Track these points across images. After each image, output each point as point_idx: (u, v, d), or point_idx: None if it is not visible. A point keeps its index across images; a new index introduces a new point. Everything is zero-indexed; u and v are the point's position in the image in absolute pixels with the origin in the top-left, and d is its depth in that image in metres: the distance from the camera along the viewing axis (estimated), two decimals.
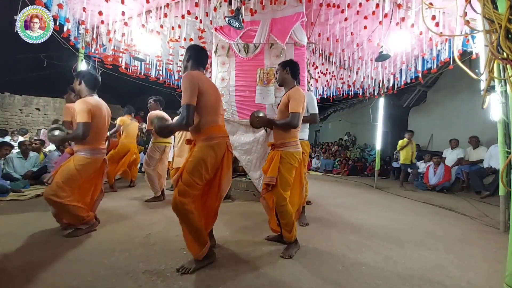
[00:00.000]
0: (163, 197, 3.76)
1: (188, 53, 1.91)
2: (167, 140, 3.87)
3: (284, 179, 2.00)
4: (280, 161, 2.02)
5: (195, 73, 1.80)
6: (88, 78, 2.38)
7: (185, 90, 1.70)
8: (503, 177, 2.49)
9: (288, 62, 2.24)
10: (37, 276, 1.55)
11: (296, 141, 2.10)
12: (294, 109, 2.00)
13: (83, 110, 2.21)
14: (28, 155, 4.63)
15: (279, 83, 2.25)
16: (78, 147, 2.30)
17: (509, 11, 1.20)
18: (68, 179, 2.19)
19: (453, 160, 5.94)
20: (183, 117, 1.67)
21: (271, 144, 2.19)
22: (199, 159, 1.74)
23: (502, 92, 2.66)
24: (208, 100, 1.80)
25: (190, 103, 1.70)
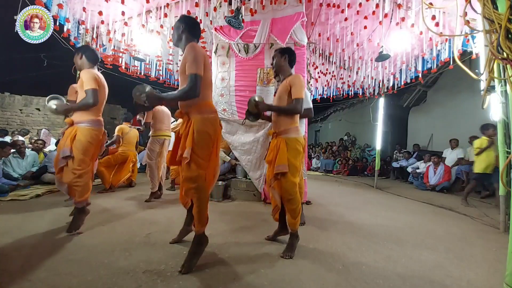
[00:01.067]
0: (161, 192, 3.78)
1: (181, 23, 1.88)
2: (166, 133, 3.89)
3: (293, 165, 1.99)
4: (286, 148, 2.01)
5: (198, 45, 1.81)
6: (89, 53, 2.44)
7: (194, 60, 1.70)
8: (503, 177, 2.49)
9: (287, 49, 2.23)
10: (37, 276, 1.55)
11: (297, 127, 2.10)
12: (298, 95, 2.01)
13: (91, 78, 2.25)
14: (24, 154, 4.62)
15: (275, 69, 2.22)
16: (80, 118, 2.29)
17: (509, 11, 1.20)
18: (85, 151, 2.26)
19: (453, 160, 5.93)
20: (193, 85, 1.67)
21: (272, 132, 2.16)
22: (204, 133, 1.75)
23: (502, 92, 2.66)
24: (209, 74, 1.83)
25: (200, 73, 1.70)
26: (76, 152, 2.24)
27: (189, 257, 1.74)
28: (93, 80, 2.26)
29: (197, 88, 1.68)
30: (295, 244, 2.05)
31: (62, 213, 2.86)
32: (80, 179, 2.25)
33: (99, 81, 2.33)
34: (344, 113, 12.86)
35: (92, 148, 2.33)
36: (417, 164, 6.62)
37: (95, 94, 2.25)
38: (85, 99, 2.24)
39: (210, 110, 1.84)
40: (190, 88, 1.68)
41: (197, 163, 1.73)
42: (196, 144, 1.73)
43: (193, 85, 1.68)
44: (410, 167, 6.68)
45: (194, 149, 1.73)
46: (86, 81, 2.25)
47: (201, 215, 1.78)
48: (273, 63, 2.23)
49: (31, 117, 10.34)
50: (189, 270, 1.67)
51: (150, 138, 3.81)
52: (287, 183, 1.98)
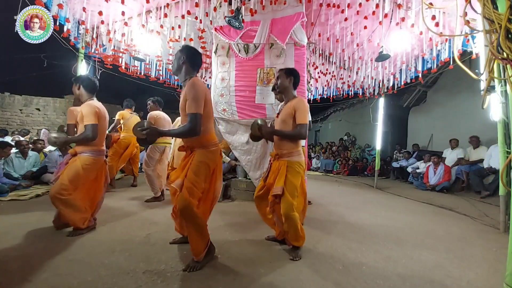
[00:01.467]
0: (163, 197, 3.76)
1: (183, 54, 1.87)
2: (167, 140, 3.87)
3: (292, 186, 1.97)
4: (287, 169, 2.00)
5: (200, 81, 1.82)
6: (87, 83, 2.44)
7: (194, 99, 1.70)
8: (503, 177, 2.49)
9: (292, 71, 2.21)
10: (37, 276, 1.55)
11: (300, 150, 2.09)
12: (303, 120, 1.99)
13: (91, 113, 2.28)
14: (27, 154, 4.63)
15: (279, 90, 2.20)
16: (83, 149, 2.33)
17: (509, 11, 1.20)
18: (74, 178, 2.24)
19: (453, 160, 5.93)
20: (193, 126, 1.69)
21: (274, 154, 2.14)
22: (203, 163, 1.78)
23: (502, 92, 2.66)
24: (209, 108, 1.84)
25: (200, 112, 1.71)
26: (63, 175, 2.23)
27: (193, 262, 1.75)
28: (93, 114, 2.28)
29: (197, 127, 1.70)
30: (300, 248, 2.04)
31: None
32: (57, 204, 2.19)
33: (99, 114, 2.35)
34: (344, 113, 12.86)
35: (82, 176, 2.28)
36: (417, 164, 6.61)
37: (94, 129, 2.27)
38: (85, 133, 2.27)
39: (212, 143, 1.87)
40: (190, 128, 1.69)
41: (190, 191, 1.71)
42: (194, 172, 1.74)
43: (193, 125, 1.69)
44: (410, 167, 6.68)
45: (190, 177, 1.73)
46: (86, 115, 2.27)
47: (194, 245, 1.75)
48: (277, 84, 2.19)
49: (31, 117, 10.34)
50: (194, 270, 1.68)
51: (150, 146, 3.79)
52: (284, 204, 1.94)
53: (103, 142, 2.47)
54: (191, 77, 1.83)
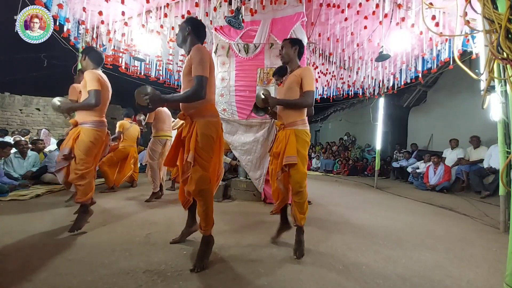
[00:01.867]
0: (162, 192, 3.78)
1: (188, 25, 1.89)
2: (168, 133, 3.90)
3: (303, 155, 1.98)
4: (296, 139, 1.99)
5: (205, 47, 1.82)
6: (93, 54, 2.46)
7: (200, 62, 1.70)
8: (503, 177, 2.49)
9: (297, 40, 2.20)
10: (37, 276, 1.55)
11: (305, 119, 2.09)
12: (310, 87, 1.99)
13: (93, 79, 2.27)
14: (26, 154, 4.63)
15: (284, 59, 2.17)
16: (84, 119, 2.32)
17: (509, 11, 1.20)
18: (87, 151, 2.27)
19: (453, 160, 5.93)
20: (198, 88, 1.67)
21: (280, 123, 2.12)
22: (207, 136, 1.77)
23: (502, 92, 2.66)
24: (213, 77, 1.84)
25: (206, 75, 1.71)
26: (78, 152, 2.26)
27: (199, 257, 1.76)
28: (96, 80, 2.28)
29: (203, 90, 1.69)
30: (303, 239, 2.03)
31: (62, 213, 2.87)
32: (82, 180, 2.26)
33: (102, 81, 2.35)
34: (344, 113, 12.86)
35: (94, 148, 2.34)
36: (417, 164, 6.62)
37: (97, 94, 2.26)
38: (88, 99, 2.26)
39: (213, 113, 1.86)
40: (196, 90, 1.68)
41: (201, 165, 1.74)
42: (201, 147, 1.75)
43: (200, 87, 1.68)
44: (410, 167, 6.68)
45: (198, 151, 1.74)
46: (89, 81, 2.27)
47: (207, 217, 1.80)
48: (282, 53, 2.18)
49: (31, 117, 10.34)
50: (201, 269, 1.69)
51: (152, 139, 3.81)
52: (298, 174, 1.94)
53: (103, 113, 2.46)
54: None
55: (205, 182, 1.75)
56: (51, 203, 3.29)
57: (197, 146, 1.74)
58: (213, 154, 1.83)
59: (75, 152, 2.26)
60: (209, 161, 1.80)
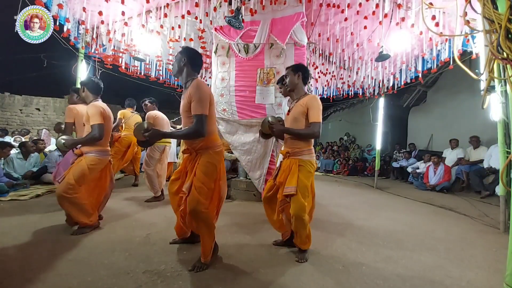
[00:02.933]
0: (163, 196, 3.77)
1: (184, 55, 1.87)
2: (167, 140, 3.88)
3: (304, 186, 1.92)
4: (298, 169, 1.96)
5: (204, 83, 1.84)
6: (91, 85, 2.50)
7: (200, 100, 1.71)
8: (503, 177, 2.49)
9: (300, 66, 2.16)
10: (37, 276, 1.55)
11: (311, 149, 2.05)
12: (317, 119, 1.94)
13: (97, 113, 2.33)
14: (29, 155, 4.63)
15: (289, 88, 2.14)
16: (89, 149, 2.38)
17: (509, 11, 1.20)
18: (80, 177, 2.28)
19: (453, 160, 5.93)
20: (199, 127, 1.69)
21: (285, 152, 2.10)
22: (211, 164, 1.79)
23: (502, 92, 2.66)
24: (213, 109, 1.85)
25: (205, 113, 1.72)
26: (69, 175, 2.28)
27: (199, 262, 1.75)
28: (99, 115, 2.34)
29: (203, 128, 1.71)
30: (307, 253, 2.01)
31: (62, 213, 2.86)
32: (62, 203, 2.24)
33: (104, 114, 2.41)
34: (344, 113, 12.85)
35: (89, 174, 2.33)
36: (417, 164, 6.61)
37: (100, 129, 2.33)
38: (92, 134, 2.32)
39: (216, 144, 1.87)
40: (196, 130, 1.70)
41: (200, 191, 1.73)
42: (203, 172, 1.76)
43: (200, 126, 1.70)
44: (410, 167, 6.67)
45: (200, 177, 1.75)
46: (92, 116, 2.33)
47: (205, 247, 1.76)
48: (285, 82, 2.16)
49: (31, 117, 10.34)
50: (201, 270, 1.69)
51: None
52: (295, 204, 1.88)
53: (108, 142, 2.52)
54: (193, 79, 1.83)
55: (200, 204, 1.70)
56: (51, 203, 3.29)
57: (199, 172, 1.76)
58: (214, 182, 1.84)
59: (68, 175, 2.29)
60: (209, 188, 1.79)
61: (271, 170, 3.62)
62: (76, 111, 3.09)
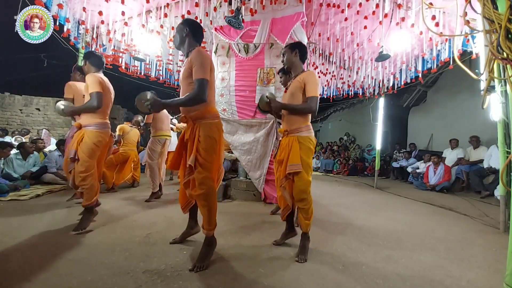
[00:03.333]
0: (161, 192, 3.78)
1: (185, 26, 1.88)
2: (167, 133, 3.91)
3: (306, 163, 1.94)
4: (299, 146, 1.96)
5: (205, 51, 1.82)
6: (93, 58, 2.51)
7: (201, 65, 1.70)
8: (503, 177, 2.49)
9: (297, 44, 2.17)
10: (37, 276, 1.55)
11: (309, 125, 2.05)
12: (313, 93, 1.94)
13: (95, 81, 2.33)
14: (28, 156, 4.63)
15: (287, 65, 2.16)
16: (88, 121, 2.37)
17: (509, 11, 1.20)
18: (91, 154, 2.33)
19: (453, 160, 5.93)
20: (200, 91, 1.68)
21: (283, 130, 2.10)
22: (210, 137, 1.78)
23: (502, 92, 2.66)
24: (213, 79, 1.84)
25: (207, 78, 1.71)
26: (81, 154, 2.30)
27: (200, 258, 1.76)
28: (97, 83, 2.33)
29: (205, 93, 1.70)
30: (307, 246, 2.01)
31: (62, 213, 2.87)
32: (85, 182, 2.31)
33: (103, 84, 2.40)
34: (344, 113, 12.86)
35: (98, 150, 2.39)
36: (417, 164, 6.61)
37: (99, 97, 2.31)
38: (89, 102, 2.31)
39: (215, 115, 1.87)
40: (198, 93, 1.69)
41: (204, 167, 1.75)
42: (204, 148, 1.76)
43: (202, 91, 1.69)
44: (410, 167, 6.68)
45: (201, 153, 1.75)
46: (90, 84, 2.32)
47: (210, 218, 1.80)
48: (283, 60, 2.16)
49: (31, 117, 10.33)
50: (201, 269, 1.69)
51: (151, 138, 3.82)
52: (301, 181, 1.92)
53: (106, 115, 2.50)
54: (195, 48, 1.84)
55: (209, 185, 1.76)
56: (51, 203, 3.29)
57: (200, 148, 1.75)
58: (216, 155, 1.84)
59: (79, 154, 2.31)
60: (212, 162, 1.80)
61: (271, 170, 3.61)
62: (75, 87, 3.11)
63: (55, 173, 4.50)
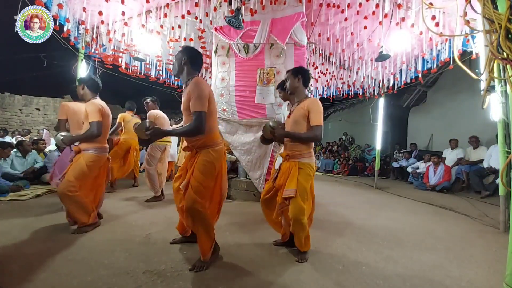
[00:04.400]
0: (163, 196, 3.77)
1: (184, 55, 1.87)
2: (168, 139, 3.89)
3: (303, 189, 1.91)
4: (298, 172, 1.95)
5: (203, 80, 1.84)
6: (91, 83, 2.53)
7: (198, 97, 1.70)
8: (503, 177, 2.49)
9: (300, 69, 2.16)
10: (37, 276, 1.55)
11: (311, 152, 2.04)
12: (318, 122, 1.93)
13: (95, 110, 2.37)
14: (27, 154, 4.63)
15: (290, 91, 2.13)
16: (87, 146, 2.41)
17: (509, 11, 1.20)
18: (79, 175, 2.32)
19: (453, 160, 5.93)
20: (198, 124, 1.69)
21: (285, 154, 2.09)
22: (209, 162, 1.78)
23: (502, 92, 2.66)
24: (213, 107, 1.84)
25: (204, 110, 1.71)
26: (69, 172, 2.32)
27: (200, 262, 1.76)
28: (97, 112, 2.37)
29: (202, 125, 1.70)
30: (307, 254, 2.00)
31: (62, 214, 2.86)
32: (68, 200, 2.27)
33: (103, 111, 2.44)
34: (344, 113, 12.85)
35: (89, 173, 2.37)
36: (417, 164, 6.61)
37: (99, 126, 2.36)
38: (90, 130, 2.35)
39: (216, 142, 1.86)
40: (195, 127, 1.69)
41: (196, 190, 1.72)
42: (200, 171, 1.75)
43: (199, 124, 1.69)
44: (410, 167, 6.67)
45: (196, 175, 1.75)
46: (91, 113, 2.36)
47: (202, 246, 1.76)
48: (286, 86, 2.15)
49: (31, 117, 10.34)
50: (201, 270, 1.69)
51: (151, 145, 3.79)
52: (295, 208, 1.87)
53: (105, 139, 2.54)
54: (193, 77, 1.83)
55: (197, 210, 1.70)
56: (51, 203, 3.29)
57: (196, 170, 1.75)
58: (212, 181, 1.82)
59: (67, 173, 2.33)
60: (206, 187, 1.78)
61: (271, 170, 3.62)
62: (67, 108, 3.12)
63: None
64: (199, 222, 1.73)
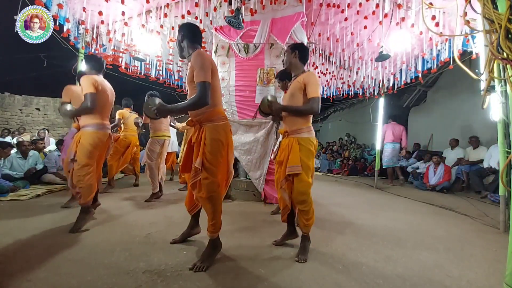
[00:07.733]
0: (161, 193, 3.78)
1: (181, 32, 1.88)
2: (166, 133, 3.90)
3: (306, 165, 1.92)
4: (299, 148, 1.94)
5: (204, 52, 1.81)
6: (92, 62, 2.57)
7: (201, 67, 1.68)
8: (503, 177, 2.49)
9: (297, 45, 2.15)
10: (37, 276, 1.55)
11: (310, 126, 2.03)
12: (315, 94, 1.92)
13: (87, 83, 2.35)
14: (27, 154, 4.63)
15: (286, 66, 2.15)
16: (85, 122, 2.41)
17: (509, 11, 1.20)
18: (88, 154, 2.35)
19: (453, 160, 5.93)
20: (202, 95, 1.66)
21: (284, 131, 2.08)
22: (217, 140, 1.77)
23: (502, 92, 2.66)
24: (217, 80, 1.83)
25: (208, 80, 1.69)
26: (79, 155, 2.34)
27: (203, 258, 1.76)
28: (90, 84, 2.35)
29: (207, 96, 1.68)
30: (308, 247, 2.00)
31: (62, 213, 2.87)
32: (83, 182, 2.33)
33: (96, 85, 2.40)
34: (344, 113, 12.85)
35: (95, 151, 2.41)
36: (417, 164, 6.61)
37: (92, 97, 2.32)
38: (83, 103, 2.34)
39: (221, 117, 1.85)
40: (199, 97, 1.67)
41: (209, 171, 1.74)
42: (209, 151, 1.75)
43: (203, 94, 1.66)
44: (410, 167, 6.68)
45: (207, 157, 1.74)
46: (84, 86, 2.35)
47: (214, 222, 1.80)
48: (284, 60, 2.16)
49: (31, 117, 10.34)
50: (201, 270, 1.69)
51: (150, 139, 3.81)
52: (301, 183, 1.90)
53: (104, 116, 2.52)
54: (194, 50, 1.82)
55: (214, 189, 1.76)
56: (51, 203, 3.29)
57: (206, 151, 1.74)
58: (222, 158, 1.83)
59: (77, 155, 2.34)
60: (217, 166, 1.79)
61: (271, 170, 3.62)
62: (71, 91, 3.16)
63: (55, 173, 4.50)
64: (216, 204, 1.79)
